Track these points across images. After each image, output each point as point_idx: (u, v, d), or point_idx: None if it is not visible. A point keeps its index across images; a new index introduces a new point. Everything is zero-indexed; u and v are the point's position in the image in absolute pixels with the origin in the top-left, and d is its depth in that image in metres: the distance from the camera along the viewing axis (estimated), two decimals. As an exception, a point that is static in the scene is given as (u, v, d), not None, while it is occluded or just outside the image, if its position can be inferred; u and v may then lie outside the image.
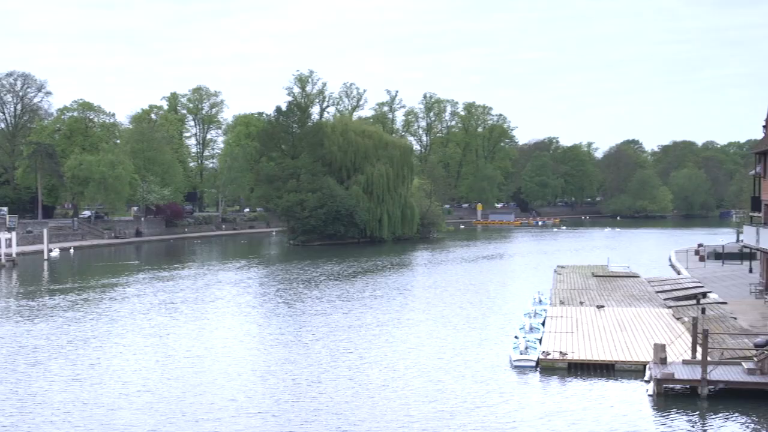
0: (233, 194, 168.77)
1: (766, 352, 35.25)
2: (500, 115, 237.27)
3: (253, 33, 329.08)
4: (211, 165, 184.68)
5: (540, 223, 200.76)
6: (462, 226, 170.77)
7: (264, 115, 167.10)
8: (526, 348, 40.28)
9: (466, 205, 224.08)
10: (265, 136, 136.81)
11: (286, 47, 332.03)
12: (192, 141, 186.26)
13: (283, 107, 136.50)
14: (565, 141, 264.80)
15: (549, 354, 39.66)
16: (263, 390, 34.88)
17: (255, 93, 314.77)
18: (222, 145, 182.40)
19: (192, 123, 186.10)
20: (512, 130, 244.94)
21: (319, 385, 35.65)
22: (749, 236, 60.69)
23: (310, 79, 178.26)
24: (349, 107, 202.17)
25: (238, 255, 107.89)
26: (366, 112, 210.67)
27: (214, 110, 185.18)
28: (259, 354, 42.63)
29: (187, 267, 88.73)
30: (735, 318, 48.43)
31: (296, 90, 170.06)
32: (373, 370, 38.43)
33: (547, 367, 38.65)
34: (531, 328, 46.37)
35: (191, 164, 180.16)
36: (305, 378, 36.87)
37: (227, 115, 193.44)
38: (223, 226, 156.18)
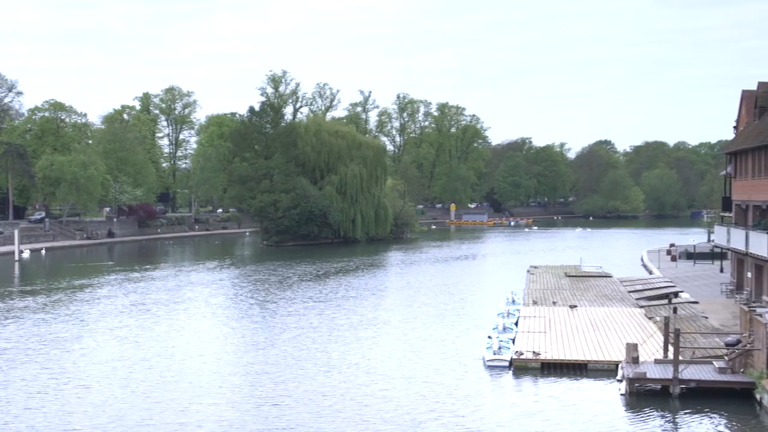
0: (206, 195, 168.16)
1: (736, 350, 35.48)
2: (473, 115, 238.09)
3: (226, 33, 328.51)
4: (183, 165, 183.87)
5: (512, 223, 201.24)
6: (434, 227, 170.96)
7: (237, 115, 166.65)
8: (500, 348, 40.33)
9: (439, 205, 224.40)
10: (238, 137, 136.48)
11: (260, 47, 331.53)
12: (165, 141, 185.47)
13: (257, 107, 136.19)
14: (538, 141, 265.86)
15: (522, 354, 39.73)
16: (235, 392, 34.68)
17: (228, 93, 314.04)
18: (195, 146, 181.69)
19: (165, 123, 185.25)
20: (485, 130, 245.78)
21: (292, 386, 35.49)
22: (720, 236, 61.06)
23: (283, 80, 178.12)
24: (323, 107, 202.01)
25: (210, 256, 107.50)
26: (339, 112, 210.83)
27: (186, 110, 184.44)
28: (231, 356, 42.39)
29: (160, 268, 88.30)
30: (706, 317, 48.72)
31: (269, 90, 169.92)
32: (346, 371, 38.28)
33: (521, 367, 38.70)
34: (504, 328, 46.43)
35: (164, 165, 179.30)
36: (277, 380, 36.69)
37: (200, 116, 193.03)
38: (196, 227, 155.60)
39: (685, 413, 31.81)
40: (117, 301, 61.99)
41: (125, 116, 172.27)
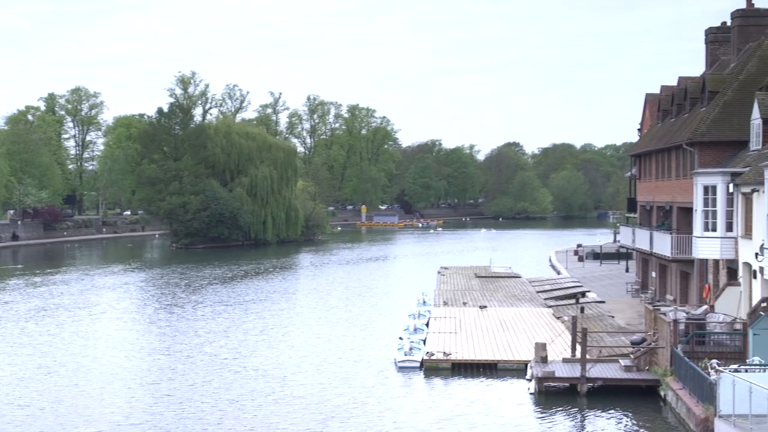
0: (114, 197, 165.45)
1: (642, 349, 36.18)
2: (384, 117, 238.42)
3: (135, 33, 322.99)
4: (91, 167, 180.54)
5: (421, 225, 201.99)
6: (339, 228, 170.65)
7: (145, 116, 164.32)
8: (411, 349, 40.44)
9: (350, 207, 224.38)
10: (147, 138, 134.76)
11: (169, 48, 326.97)
12: (71, 143, 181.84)
13: (165, 109, 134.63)
14: (448, 143, 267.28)
15: (433, 354, 39.93)
16: (143, 400, 33.99)
17: (136, 94, 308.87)
18: (102, 147, 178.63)
19: (71, 124, 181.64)
20: (396, 132, 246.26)
21: (200, 393, 35.01)
22: (625, 237, 62.21)
23: (192, 81, 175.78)
24: (233, 109, 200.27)
25: (118, 259, 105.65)
26: (249, 114, 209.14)
27: (93, 111, 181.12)
28: (138, 362, 41.51)
29: (65, 271, 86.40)
30: (612, 316, 49.57)
31: (178, 91, 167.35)
32: (256, 377, 37.89)
33: (431, 368, 38.88)
34: (415, 329, 46.59)
35: (70, 166, 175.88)
36: (185, 387, 36.15)
37: (107, 117, 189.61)
38: (104, 230, 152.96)
39: (593, 411, 32.33)
40: (18, 306, 60.44)
41: (30, 117, 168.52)
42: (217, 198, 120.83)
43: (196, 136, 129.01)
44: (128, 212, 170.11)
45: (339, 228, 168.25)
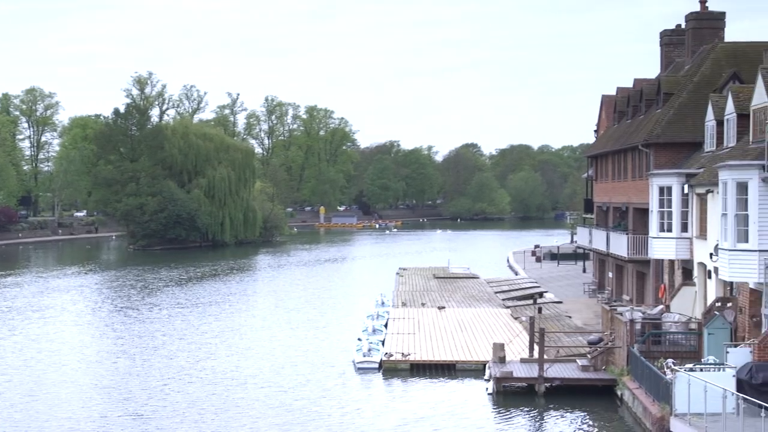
0: (70, 198, 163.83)
1: (598, 349, 36.46)
2: (342, 118, 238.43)
3: (91, 33, 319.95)
4: (46, 168, 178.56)
5: (378, 226, 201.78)
6: (296, 230, 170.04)
7: (101, 117, 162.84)
8: (369, 350, 40.42)
9: (309, 208, 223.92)
10: (103, 139, 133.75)
11: (126, 48, 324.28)
12: (26, 144, 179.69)
13: (122, 109, 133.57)
14: (406, 144, 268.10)
15: (391, 355, 39.96)
16: (98, 405, 33.53)
17: (92, 95, 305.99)
18: (58, 148, 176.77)
19: (26, 125, 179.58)
20: (354, 133, 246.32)
21: (156, 397, 34.71)
22: (582, 237, 62.64)
23: (149, 81, 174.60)
24: (190, 110, 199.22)
25: (74, 260, 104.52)
26: (207, 114, 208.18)
27: (49, 112, 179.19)
28: (93, 366, 40.89)
29: (19, 273, 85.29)
30: (570, 317, 49.92)
31: (135, 92, 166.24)
32: (214, 380, 37.55)
33: (390, 369, 38.90)
34: (374, 330, 46.56)
35: (25, 168, 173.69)
36: (141, 391, 35.74)
37: (63, 117, 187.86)
38: (60, 231, 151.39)
39: (550, 411, 32.52)
40: (-26, 309, 59.64)
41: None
42: (175, 199, 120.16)
43: (153, 137, 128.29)
44: (83, 213, 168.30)
45: (295, 229, 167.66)
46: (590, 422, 31.69)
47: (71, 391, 35.63)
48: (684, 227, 39.56)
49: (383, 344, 42.83)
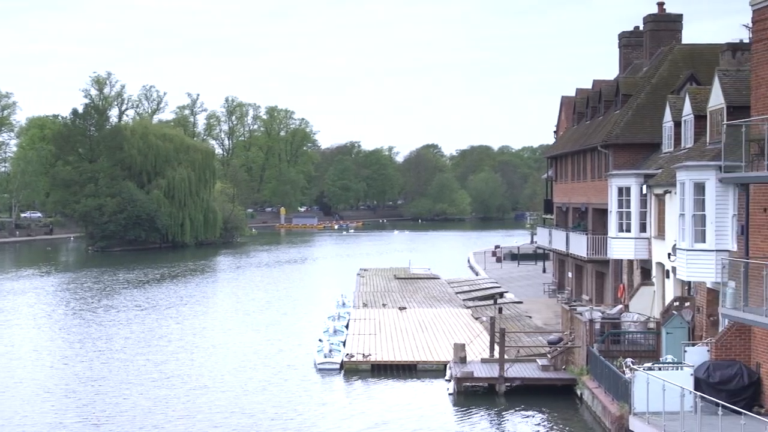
0: (28, 199, 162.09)
1: (558, 348, 36.68)
2: (303, 119, 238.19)
3: (48, 33, 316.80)
4: (3, 169, 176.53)
5: (337, 227, 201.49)
6: (254, 230, 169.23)
7: (60, 117, 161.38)
8: (330, 351, 40.38)
9: (269, 209, 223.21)
10: (61, 139, 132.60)
11: (84, 48, 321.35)
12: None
13: (80, 109, 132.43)
14: (367, 145, 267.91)
15: (352, 356, 39.95)
16: (55, 411, 32.95)
17: (50, 95, 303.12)
18: (15, 149, 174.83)
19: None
20: (315, 134, 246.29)
21: (114, 403, 34.26)
22: (542, 237, 62.98)
23: (107, 81, 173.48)
24: (149, 110, 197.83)
25: (31, 262, 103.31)
26: (167, 115, 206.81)
27: (5, 112, 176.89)
28: (49, 371, 40.26)
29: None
30: (530, 317, 50.18)
31: (93, 92, 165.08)
32: (173, 384, 37.23)
33: (351, 369, 38.88)
34: (335, 331, 46.51)
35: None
36: (99, 396, 35.30)
37: (20, 117, 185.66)
38: (17, 233, 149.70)
39: (511, 410, 32.66)
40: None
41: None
42: (134, 200, 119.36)
43: (112, 137, 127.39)
44: (38, 215, 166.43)
45: (254, 230, 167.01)
46: (550, 422, 31.87)
47: (26, 396, 35.02)
48: (642, 227, 39.91)
49: (344, 345, 42.80)
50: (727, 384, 26.43)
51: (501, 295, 61.28)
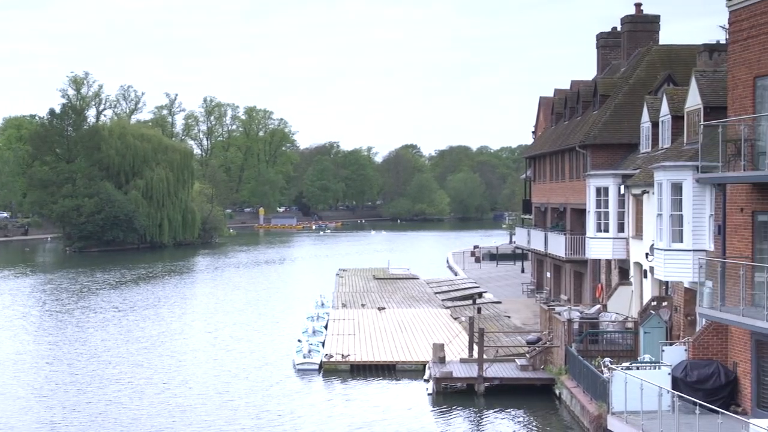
0: (4, 200, 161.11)
1: (537, 348, 36.77)
2: (281, 119, 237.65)
3: (26, 32, 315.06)
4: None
5: (315, 227, 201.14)
6: (233, 230, 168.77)
7: (36, 117, 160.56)
8: (309, 351, 40.37)
9: (248, 209, 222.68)
10: (38, 140, 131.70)
11: (61, 48, 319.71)
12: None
13: (57, 109, 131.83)
14: (346, 146, 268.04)
15: (332, 356, 39.93)
16: (26, 414, 32.65)
17: (27, 95, 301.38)
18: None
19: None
20: (293, 134, 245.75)
21: (91, 405, 34.10)
22: (521, 238, 63.12)
23: (85, 81, 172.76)
24: (127, 110, 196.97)
25: (7, 263, 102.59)
26: (145, 115, 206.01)
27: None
28: (22, 374, 39.78)
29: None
30: (509, 317, 50.27)
31: (71, 92, 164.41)
32: (151, 385, 37.09)
33: (330, 370, 38.87)
34: (314, 332, 46.48)
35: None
36: (73, 399, 35.02)
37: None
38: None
39: (490, 410, 32.72)
40: None
41: None
42: (112, 200, 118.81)
43: (89, 137, 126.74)
44: (4, 214, 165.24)
45: (233, 231, 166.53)
46: (529, 421, 31.96)
47: (2, 400, 34.79)
48: (620, 227, 40.09)
49: (323, 345, 42.78)
50: (705, 383, 26.57)
51: (480, 295, 61.37)
